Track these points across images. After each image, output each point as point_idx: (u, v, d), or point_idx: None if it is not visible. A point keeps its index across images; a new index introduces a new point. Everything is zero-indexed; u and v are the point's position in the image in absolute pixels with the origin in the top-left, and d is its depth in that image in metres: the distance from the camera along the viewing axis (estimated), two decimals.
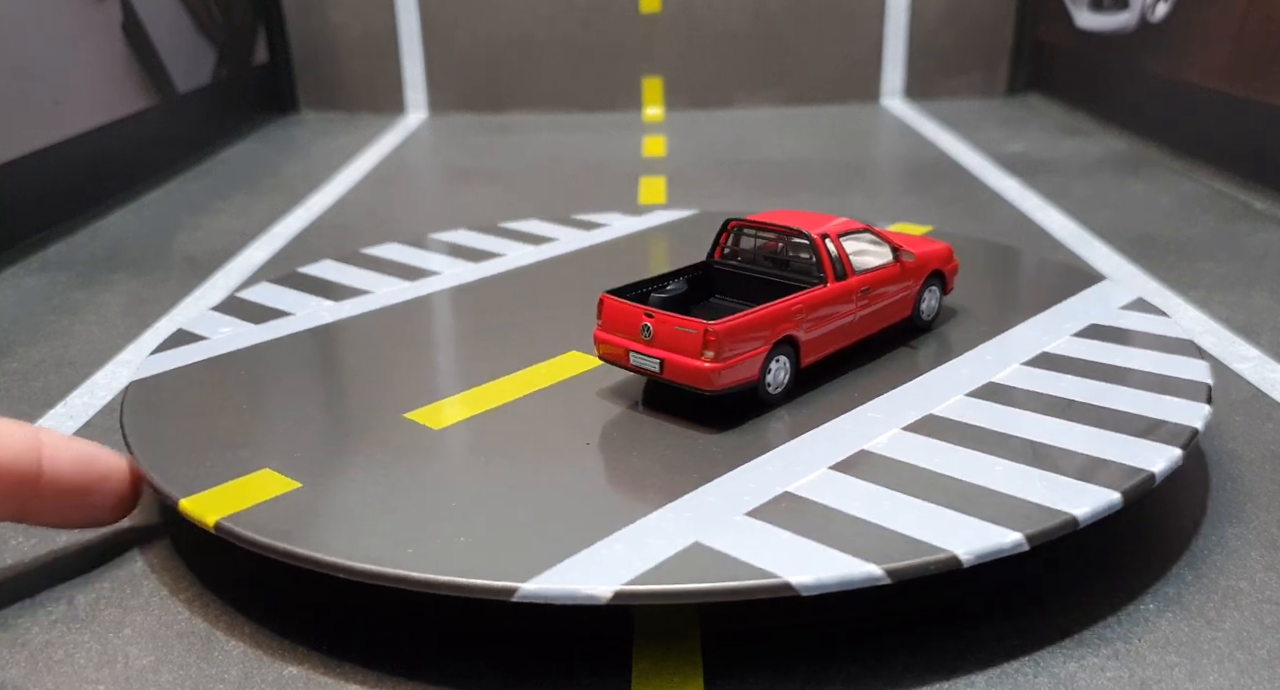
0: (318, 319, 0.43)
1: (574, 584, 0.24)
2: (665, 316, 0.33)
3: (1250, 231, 0.58)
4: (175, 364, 0.38)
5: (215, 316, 0.43)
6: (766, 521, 0.27)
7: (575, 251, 0.51)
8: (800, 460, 0.30)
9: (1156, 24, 0.81)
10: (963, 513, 0.27)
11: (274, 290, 0.46)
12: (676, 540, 0.26)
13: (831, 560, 0.25)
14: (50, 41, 0.67)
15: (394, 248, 0.52)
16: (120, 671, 0.26)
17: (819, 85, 1.07)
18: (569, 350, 0.39)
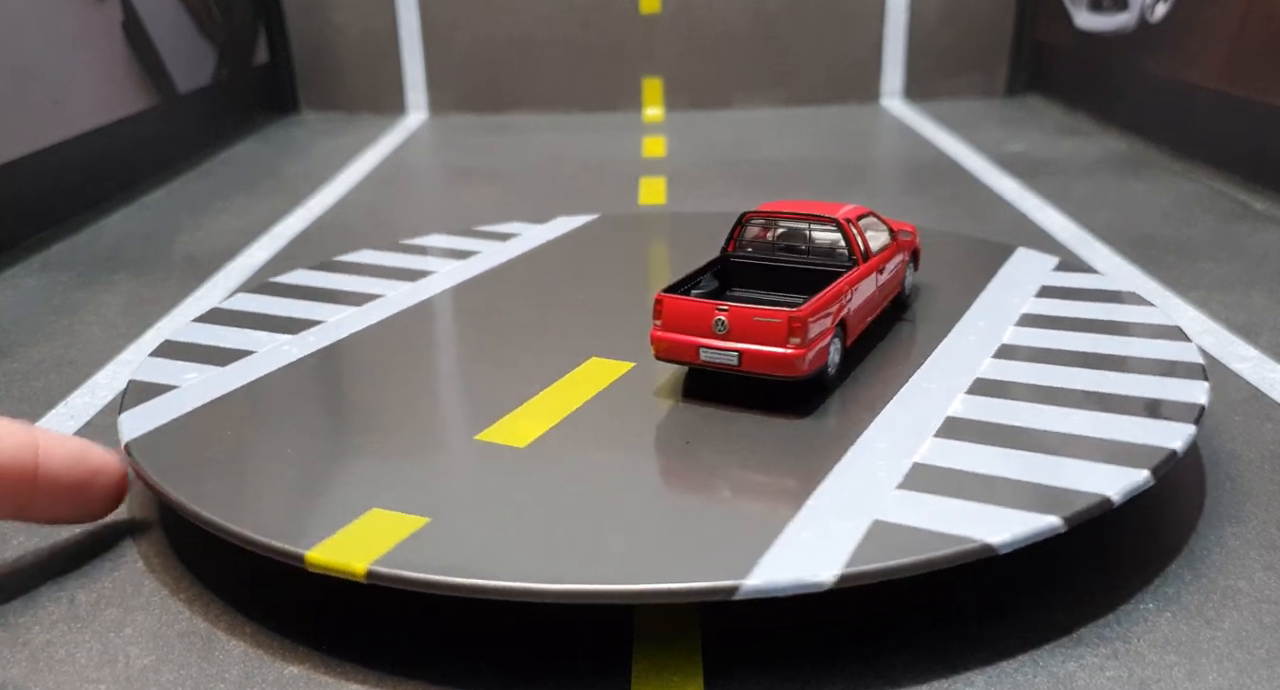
0: (306, 345, 0.40)
1: (796, 573, 0.24)
2: (743, 309, 0.33)
3: (1250, 232, 0.58)
4: (185, 407, 0.35)
5: (204, 330, 0.42)
6: (922, 491, 0.28)
7: (512, 261, 0.50)
8: (903, 433, 0.32)
9: (1156, 24, 0.81)
10: (1080, 459, 0.29)
11: (252, 302, 0.45)
12: (855, 521, 0.27)
13: (1008, 517, 0.26)
14: (51, 41, 0.67)
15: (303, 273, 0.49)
16: (121, 671, 0.26)
17: (819, 86, 1.07)
18: (589, 357, 0.38)
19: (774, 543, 0.26)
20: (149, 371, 0.38)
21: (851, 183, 0.73)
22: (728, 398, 0.34)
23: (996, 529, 0.26)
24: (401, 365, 0.38)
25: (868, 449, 0.31)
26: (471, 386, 0.36)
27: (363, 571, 0.25)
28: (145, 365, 0.38)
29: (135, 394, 0.36)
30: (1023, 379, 0.35)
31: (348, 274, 0.48)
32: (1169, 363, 0.36)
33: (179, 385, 0.36)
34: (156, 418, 0.34)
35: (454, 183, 0.78)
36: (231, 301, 0.45)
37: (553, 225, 0.56)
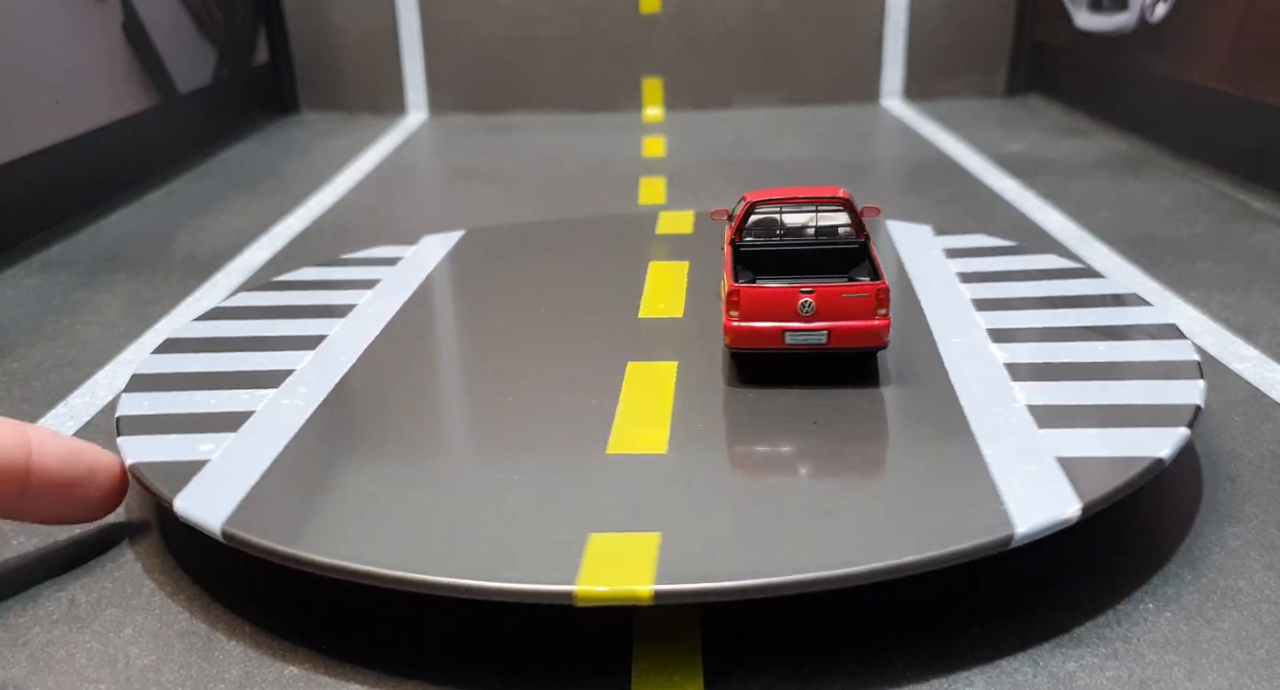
0: (330, 372, 0.37)
1: (1047, 514, 0.26)
2: (828, 287, 0.35)
3: (1249, 231, 0.58)
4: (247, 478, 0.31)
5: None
6: (1062, 427, 0.31)
7: (427, 283, 0.47)
8: (988, 383, 0.34)
9: (1156, 24, 0.81)
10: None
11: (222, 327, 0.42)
12: (1043, 462, 0.29)
13: (1151, 434, 0.29)
14: (51, 42, 0.67)
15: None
16: (121, 671, 0.26)
17: (819, 86, 1.07)
18: (625, 362, 0.38)
19: (1001, 495, 0.27)
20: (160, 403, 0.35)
21: (851, 183, 0.73)
22: (789, 379, 0.35)
23: (1160, 444, 0.29)
24: (447, 390, 0.36)
25: (975, 402, 0.33)
26: (539, 406, 0.34)
27: (649, 595, 0.24)
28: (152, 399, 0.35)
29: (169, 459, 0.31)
30: (1040, 357, 0.37)
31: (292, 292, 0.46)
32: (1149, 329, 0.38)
33: (208, 457, 0.31)
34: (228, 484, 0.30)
35: (454, 183, 0.78)
36: (235, 299, 0.45)
37: (425, 244, 0.53)
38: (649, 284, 0.46)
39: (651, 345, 0.39)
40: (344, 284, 0.47)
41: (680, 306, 0.43)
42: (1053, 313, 0.40)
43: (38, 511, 0.30)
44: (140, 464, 0.30)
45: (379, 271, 0.48)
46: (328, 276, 0.48)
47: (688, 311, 0.43)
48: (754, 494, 0.28)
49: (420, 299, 0.45)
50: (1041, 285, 0.43)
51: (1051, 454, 0.29)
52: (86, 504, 0.30)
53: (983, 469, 0.29)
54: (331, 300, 0.45)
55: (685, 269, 0.48)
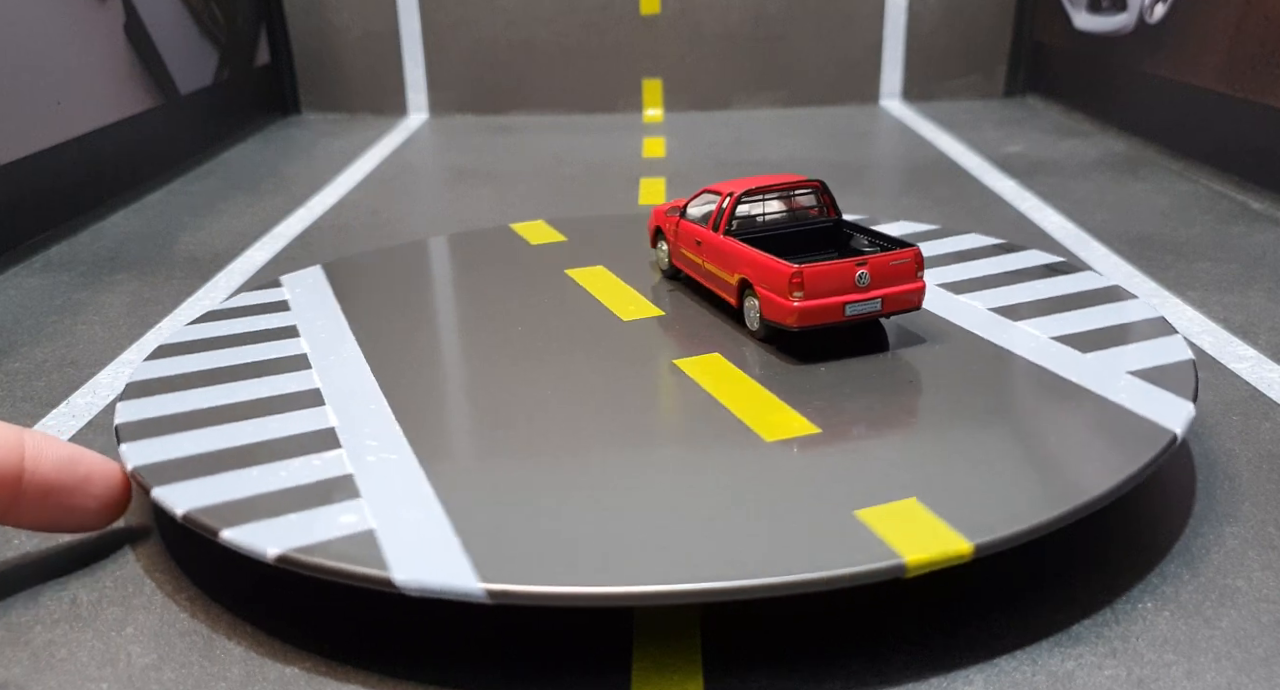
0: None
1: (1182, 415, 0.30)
2: (879, 257, 0.37)
3: (1247, 232, 0.58)
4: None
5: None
6: (1150, 383, 0.33)
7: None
8: (1041, 343, 0.37)
9: (1154, 25, 0.81)
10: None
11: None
12: (1174, 403, 0.32)
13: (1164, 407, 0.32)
14: (52, 42, 0.67)
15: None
16: (123, 670, 0.26)
17: (818, 86, 1.07)
18: (667, 360, 0.38)
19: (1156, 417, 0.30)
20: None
21: (850, 183, 0.73)
22: (831, 350, 0.38)
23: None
24: (517, 404, 0.35)
25: (1046, 356, 0.36)
26: (634, 410, 0.34)
27: (970, 549, 0.25)
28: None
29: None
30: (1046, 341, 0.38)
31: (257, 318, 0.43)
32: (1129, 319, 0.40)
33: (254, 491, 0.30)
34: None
35: (455, 184, 0.78)
36: (238, 295, 0.46)
37: (299, 280, 0.48)
38: (595, 290, 0.45)
39: (668, 341, 0.39)
40: (257, 336, 0.41)
41: (648, 306, 0.43)
42: (1043, 307, 0.41)
43: (33, 517, 0.29)
44: (195, 509, 0.28)
45: (282, 318, 0.43)
46: (229, 330, 0.42)
47: (664, 308, 0.43)
48: (954, 448, 0.30)
49: (374, 331, 0.41)
50: (1034, 286, 0.44)
51: (1181, 398, 0.31)
52: (84, 512, 0.30)
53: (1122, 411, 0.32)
54: (271, 351, 0.40)
55: (605, 271, 0.48)
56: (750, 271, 0.38)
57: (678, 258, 0.45)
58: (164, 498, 0.29)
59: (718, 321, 0.41)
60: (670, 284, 0.46)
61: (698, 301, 0.44)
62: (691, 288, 0.45)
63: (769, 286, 0.37)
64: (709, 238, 0.42)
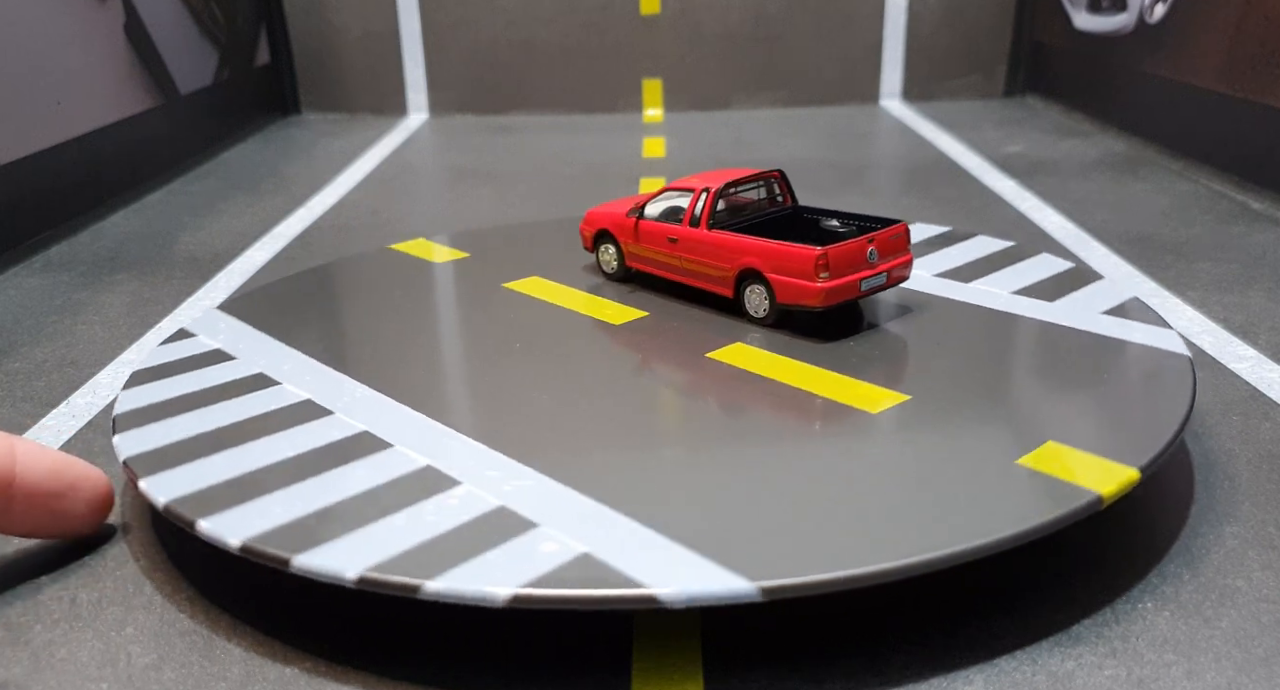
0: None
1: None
2: (883, 233, 0.39)
3: (1247, 232, 0.58)
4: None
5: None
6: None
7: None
8: (1080, 310, 0.40)
9: (1154, 25, 0.81)
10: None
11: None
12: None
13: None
14: (53, 42, 0.67)
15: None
16: (123, 670, 0.26)
17: (818, 87, 1.07)
18: (701, 354, 0.38)
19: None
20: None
21: (850, 183, 0.73)
22: (835, 328, 0.40)
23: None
24: (603, 404, 0.34)
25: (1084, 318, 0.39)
26: (711, 398, 0.34)
27: (1136, 474, 0.28)
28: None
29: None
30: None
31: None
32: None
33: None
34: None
35: (455, 184, 0.78)
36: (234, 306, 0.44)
37: (214, 321, 0.43)
38: (554, 299, 0.44)
39: (677, 338, 0.40)
40: (233, 389, 0.37)
41: (626, 308, 0.43)
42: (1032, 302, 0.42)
43: (22, 524, 0.30)
44: (379, 577, 0.25)
45: (237, 367, 0.39)
46: (190, 387, 0.37)
47: (643, 308, 0.43)
48: (1043, 403, 0.32)
49: (367, 364, 0.38)
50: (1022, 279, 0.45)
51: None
52: (70, 518, 0.30)
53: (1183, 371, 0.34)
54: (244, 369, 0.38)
55: (544, 281, 0.47)
56: (760, 260, 0.39)
57: (635, 259, 0.45)
58: (315, 566, 0.26)
59: (708, 315, 0.42)
60: (628, 285, 0.46)
61: (670, 299, 0.44)
62: (653, 286, 0.45)
63: (788, 271, 0.38)
64: (689, 234, 0.42)
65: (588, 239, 0.47)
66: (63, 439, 0.38)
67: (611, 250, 0.46)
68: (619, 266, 0.46)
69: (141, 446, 0.32)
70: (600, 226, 0.46)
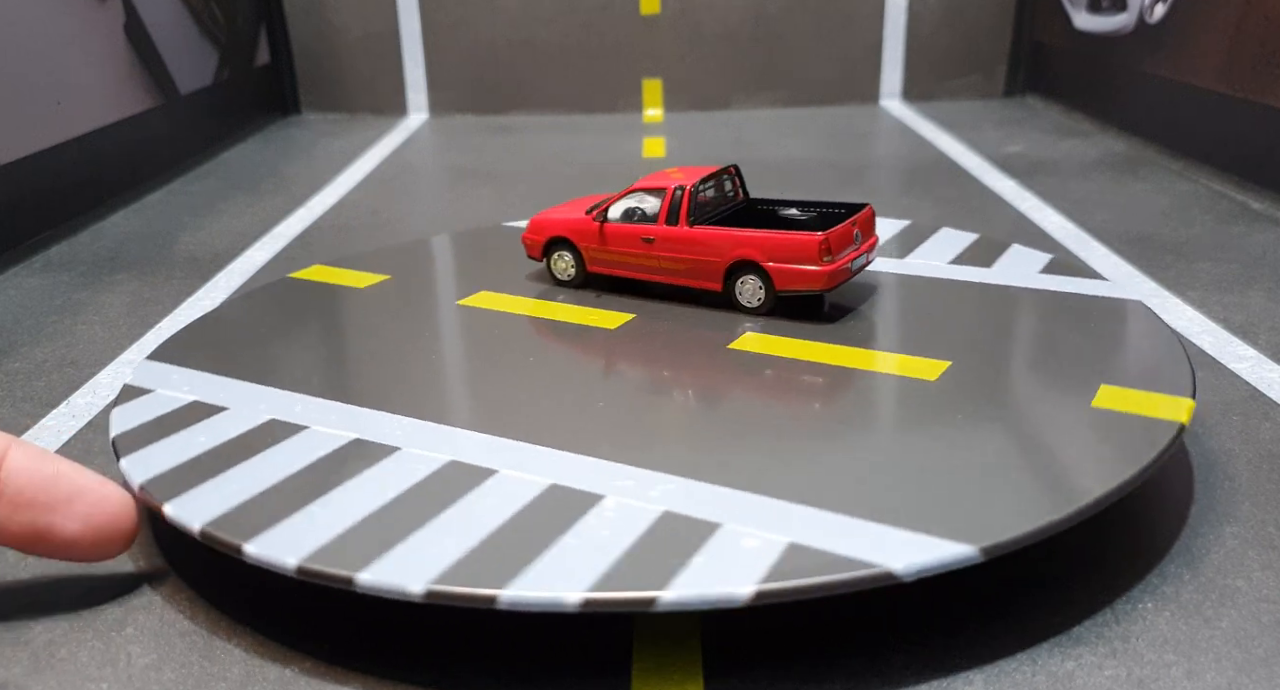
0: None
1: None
2: (862, 215, 0.42)
3: (1247, 232, 0.58)
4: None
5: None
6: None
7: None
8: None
9: (1154, 25, 0.81)
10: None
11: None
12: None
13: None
14: (53, 42, 0.67)
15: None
16: (123, 670, 0.26)
17: (818, 87, 1.07)
18: (724, 344, 0.39)
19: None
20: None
21: (850, 183, 0.73)
22: (835, 309, 0.42)
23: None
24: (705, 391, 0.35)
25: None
26: (767, 388, 0.35)
27: (1192, 402, 0.32)
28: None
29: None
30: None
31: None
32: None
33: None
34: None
35: (455, 183, 0.78)
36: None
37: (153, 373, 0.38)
38: (525, 312, 0.43)
39: (683, 335, 0.40)
40: (252, 443, 0.33)
41: (607, 313, 0.42)
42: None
43: (4, 533, 0.27)
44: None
45: (240, 418, 0.34)
46: (205, 443, 0.33)
47: (625, 311, 0.42)
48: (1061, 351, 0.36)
49: (390, 396, 0.36)
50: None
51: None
52: (63, 536, 0.27)
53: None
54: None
55: (499, 295, 0.45)
56: (757, 250, 0.40)
57: (600, 263, 0.44)
58: (529, 596, 0.24)
59: (693, 311, 0.42)
60: (590, 291, 0.45)
61: (644, 300, 0.43)
62: (618, 289, 0.45)
63: (790, 259, 0.40)
64: (668, 233, 0.42)
65: (536, 248, 0.46)
66: (63, 439, 0.38)
67: (568, 257, 0.45)
68: (578, 273, 0.45)
69: (170, 484, 0.30)
70: (553, 234, 0.45)
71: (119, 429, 0.33)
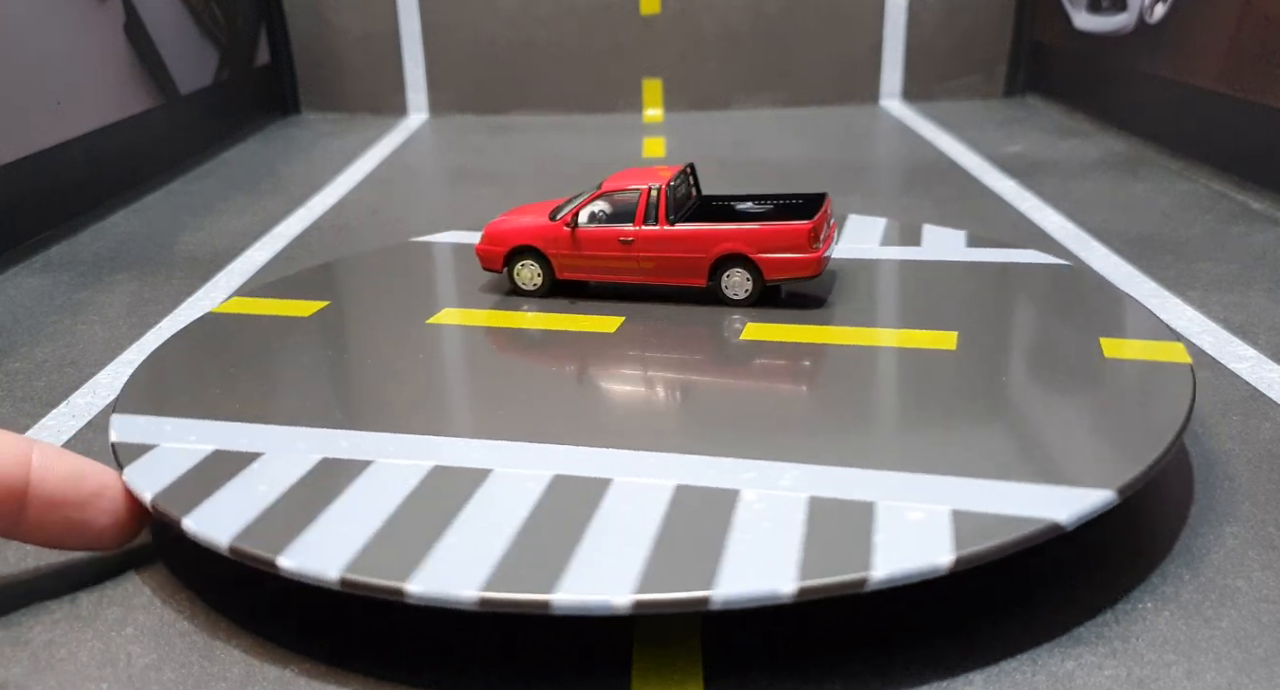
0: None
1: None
2: (826, 205, 0.43)
3: (1247, 232, 0.58)
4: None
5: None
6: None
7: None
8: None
9: (1154, 25, 0.81)
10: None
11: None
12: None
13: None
14: (53, 42, 0.67)
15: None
16: (123, 670, 0.26)
17: (818, 87, 1.07)
18: (730, 339, 0.39)
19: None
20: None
21: (850, 183, 0.73)
22: (814, 295, 0.43)
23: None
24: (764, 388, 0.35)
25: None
26: (807, 377, 0.36)
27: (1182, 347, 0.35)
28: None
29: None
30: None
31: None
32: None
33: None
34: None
35: (455, 183, 0.78)
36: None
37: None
38: (505, 323, 0.42)
39: (686, 332, 0.40)
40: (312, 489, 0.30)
41: (596, 318, 0.42)
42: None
43: (41, 532, 0.28)
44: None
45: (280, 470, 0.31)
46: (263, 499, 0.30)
47: (614, 314, 0.42)
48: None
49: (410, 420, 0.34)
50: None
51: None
52: (94, 528, 0.29)
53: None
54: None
55: (470, 311, 0.43)
56: (744, 243, 0.41)
57: (572, 269, 0.43)
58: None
59: (678, 308, 0.42)
60: (564, 298, 0.44)
61: (623, 302, 0.43)
62: (592, 294, 0.44)
63: (781, 248, 0.41)
64: (648, 233, 0.42)
65: (496, 259, 0.44)
66: (63, 439, 0.38)
67: (534, 265, 0.44)
68: (544, 281, 0.44)
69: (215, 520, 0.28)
70: (516, 243, 0.44)
71: (153, 490, 0.29)
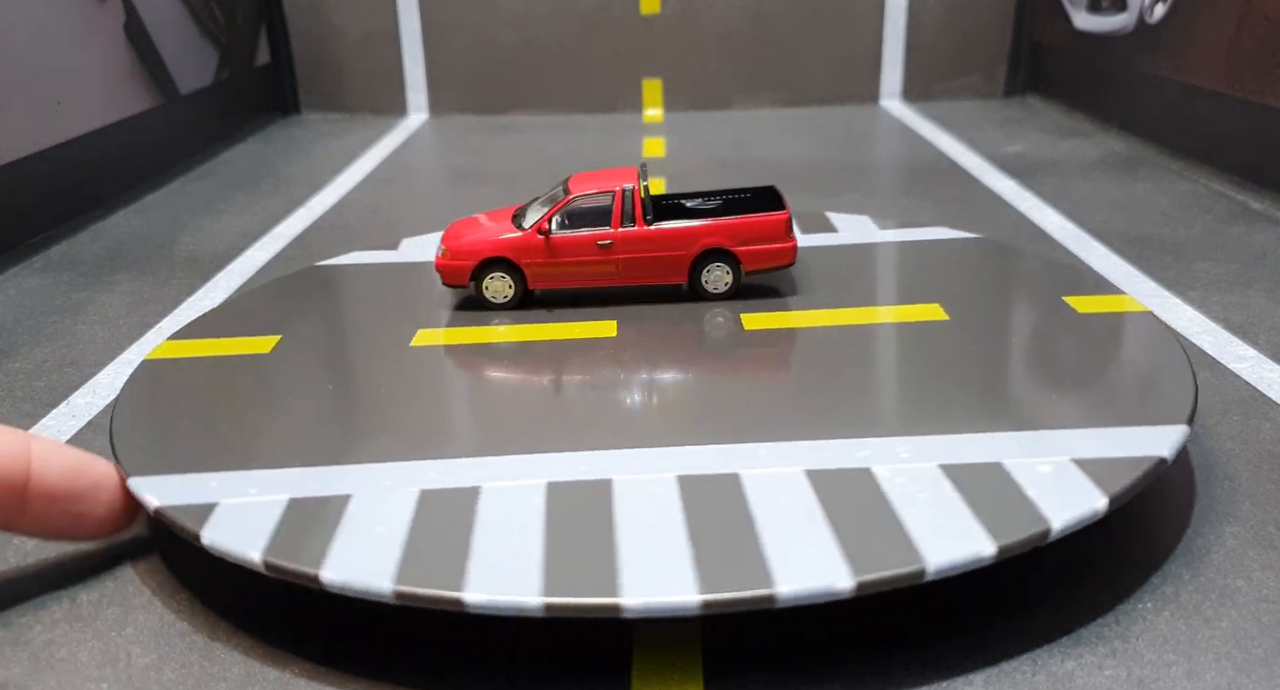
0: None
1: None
2: (783, 198, 0.45)
3: (1247, 232, 0.58)
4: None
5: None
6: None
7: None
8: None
9: (1154, 25, 0.81)
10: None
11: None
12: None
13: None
14: (52, 42, 0.67)
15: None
16: (123, 670, 0.26)
17: (818, 87, 1.07)
18: (740, 316, 0.41)
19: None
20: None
21: (850, 183, 0.73)
22: (783, 286, 0.44)
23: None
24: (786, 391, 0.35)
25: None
26: (832, 360, 0.37)
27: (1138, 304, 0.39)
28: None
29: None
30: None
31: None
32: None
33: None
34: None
35: (454, 183, 0.78)
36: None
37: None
38: (516, 335, 0.41)
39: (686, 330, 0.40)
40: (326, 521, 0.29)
41: (589, 324, 0.41)
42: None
43: (41, 525, 0.29)
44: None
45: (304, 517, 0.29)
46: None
47: (605, 319, 0.42)
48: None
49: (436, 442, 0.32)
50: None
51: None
52: (92, 520, 0.29)
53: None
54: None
55: (451, 330, 0.41)
56: (725, 237, 0.42)
57: (547, 278, 0.43)
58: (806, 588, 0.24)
59: (664, 308, 0.42)
60: (540, 308, 0.43)
61: (600, 306, 0.43)
62: (567, 301, 0.43)
63: (761, 239, 0.42)
64: (626, 234, 0.42)
65: (463, 273, 0.43)
66: (63, 439, 0.38)
67: (506, 277, 0.43)
68: (517, 293, 0.43)
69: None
70: (486, 255, 0.42)
71: (257, 553, 0.26)
